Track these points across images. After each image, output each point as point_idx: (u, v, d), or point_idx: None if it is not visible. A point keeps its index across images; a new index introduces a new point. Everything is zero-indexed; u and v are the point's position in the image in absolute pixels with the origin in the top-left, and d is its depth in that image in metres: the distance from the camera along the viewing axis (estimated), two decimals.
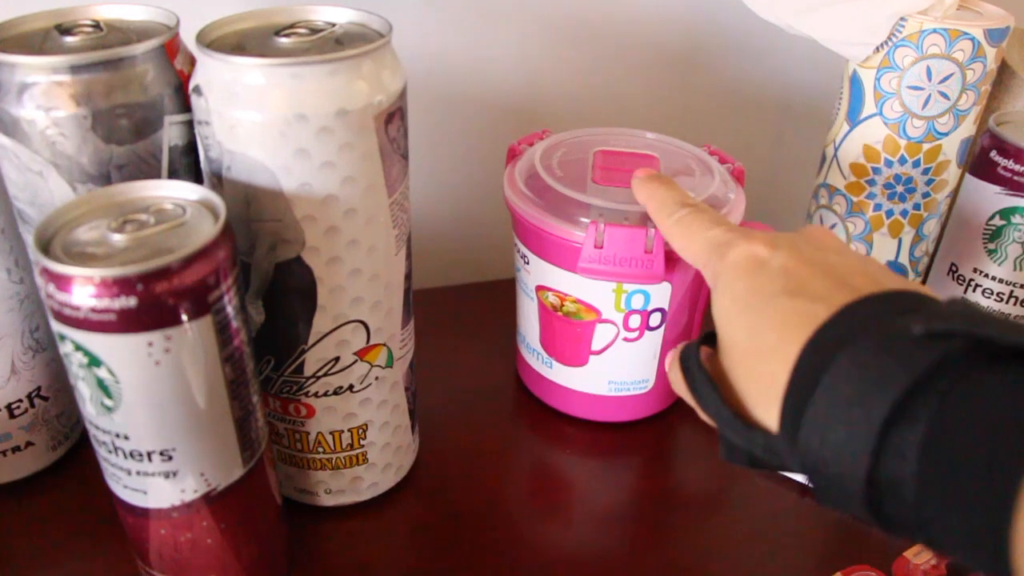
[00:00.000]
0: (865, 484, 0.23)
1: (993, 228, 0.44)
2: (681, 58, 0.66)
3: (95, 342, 0.29)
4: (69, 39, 0.34)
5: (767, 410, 0.27)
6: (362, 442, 0.41)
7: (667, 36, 0.64)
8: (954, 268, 0.46)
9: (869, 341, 0.24)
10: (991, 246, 0.44)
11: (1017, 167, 0.42)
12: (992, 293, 0.45)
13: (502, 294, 0.58)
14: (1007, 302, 0.44)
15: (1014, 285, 0.44)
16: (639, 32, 0.64)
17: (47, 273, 0.28)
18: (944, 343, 0.23)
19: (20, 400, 0.42)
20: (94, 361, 0.29)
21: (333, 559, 0.41)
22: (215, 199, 0.32)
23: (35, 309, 0.42)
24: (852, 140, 0.55)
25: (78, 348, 0.29)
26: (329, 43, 0.34)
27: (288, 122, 0.32)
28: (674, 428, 0.51)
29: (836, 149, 0.57)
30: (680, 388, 0.32)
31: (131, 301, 0.28)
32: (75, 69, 0.32)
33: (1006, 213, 0.43)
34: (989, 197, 0.44)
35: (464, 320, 0.59)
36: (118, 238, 0.30)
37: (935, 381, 0.22)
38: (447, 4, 0.58)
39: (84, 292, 0.28)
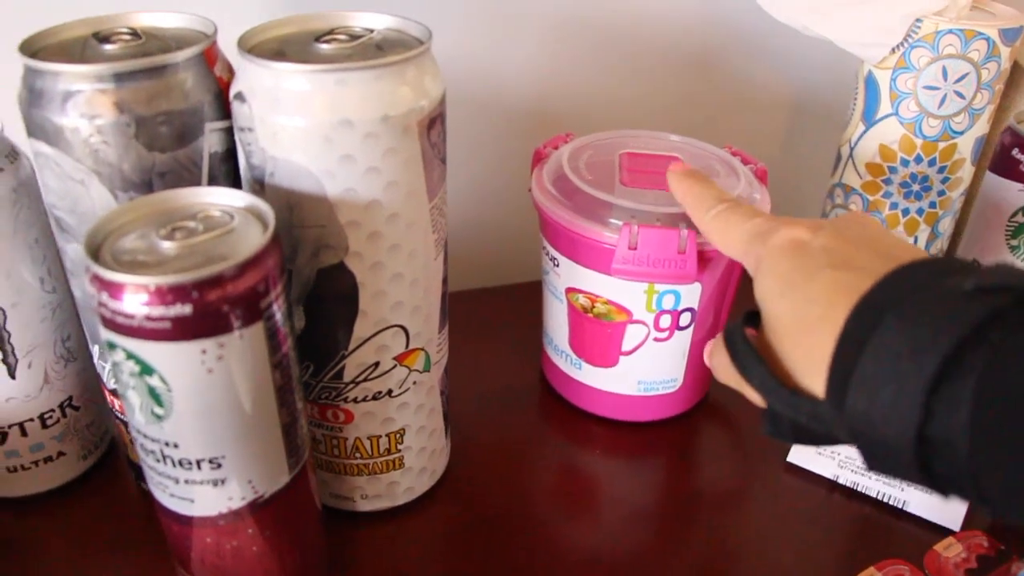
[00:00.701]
0: (916, 441, 0.23)
1: (1016, 224, 0.44)
2: (697, 60, 0.66)
3: (148, 350, 0.29)
4: (108, 47, 0.34)
5: (813, 379, 0.27)
6: (399, 447, 0.41)
7: (683, 38, 0.65)
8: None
9: (917, 299, 0.24)
10: (1014, 242, 0.45)
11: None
12: None
13: (526, 297, 0.58)
14: None
15: None
16: (655, 35, 0.64)
17: (100, 281, 0.28)
18: (994, 297, 0.23)
19: (52, 410, 0.42)
20: (146, 370, 0.29)
21: (369, 564, 0.41)
22: (263, 206, 0.31)
23: (67, 318, 0.42)
24: (868, 140, 0.56)
25: (130, 357, 0.29)
26: (370, 49, 0.34)
27: (333, 127, 0.32)
28: (700, 427, 0.51)
29: (852, 149, 0.57)
30: (725, 372, 0.33)
31: (186, 309, 0.28)
32: (119, 77, 0.32)
33: None
34: (1012, 194, 0.44)
35: (488, 323, 0.59)
36: (168, 245, 0.30)
37: (986, 333, 0.22)
38: (465, 10, 0.58)
39: (138, 300, 0.28)
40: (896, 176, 0.55)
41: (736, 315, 0.33)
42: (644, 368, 0.47)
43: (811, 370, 0.28)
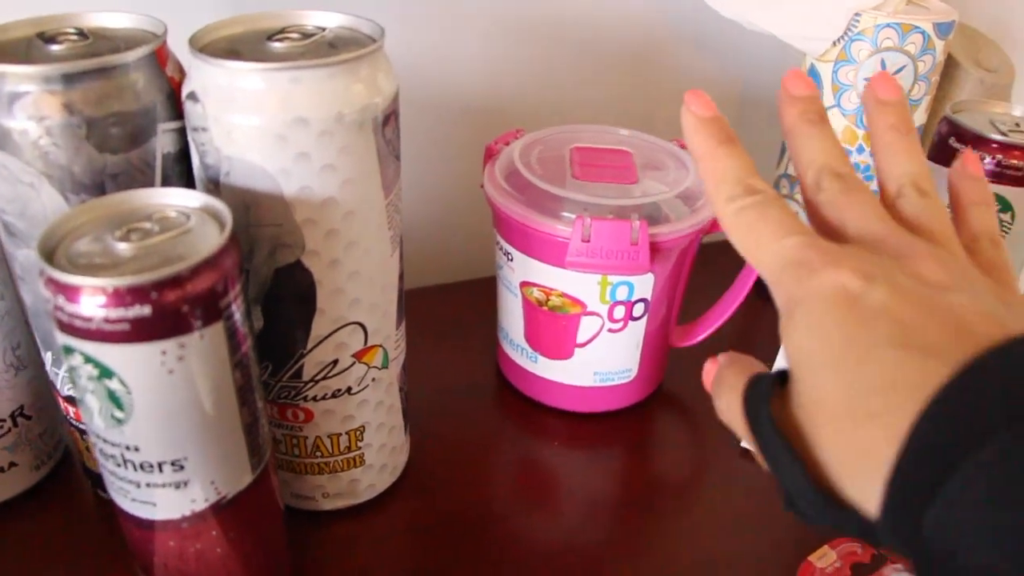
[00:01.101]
0: None
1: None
2: (644, 56, 0.67)
3: (107, 353, 0.28)
4: (55, 47, 0.34)
5: (862, 487, 0.23)
6: (359, 444, 0.41)
7: (630, 35, 0.66)
8: None
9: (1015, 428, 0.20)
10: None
11: (973, 152, 0.44)
12: None
13: (480, 293, 0.58)
14: None
15: None
16: (602, 32, 0.65)
17: (55, 284, 0.28)
18: None
19: (3, 420, 0.41)
20: (105, 373, 0.29)
21: (334, 563, 0.41)
22: (219, 205, 0.31)
23: (16, 325, 0.41)
24: None
25: (88, 360, 0.29)
26: (323, 47, 0.34)
27: (288, 125, 0.32)
28: (656, 416, 0.52)
29: None
30: (735, 422, 0.28)
31: (145, 310, 0.28)
32: (67, 78, 0.32)
33: None
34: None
35: (444, 320, 0.59)
36: (124, 247, 0.29)
37: None
38: (414, 10, 0.58)
39: (96, 302, 0.27)
40: None
41: (688, 302, 0.33)
42: (599, 359, 0.48)
43: (859, 477, 0.23)
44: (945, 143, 0.46)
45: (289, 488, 0.42)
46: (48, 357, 0.39)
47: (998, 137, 0.44)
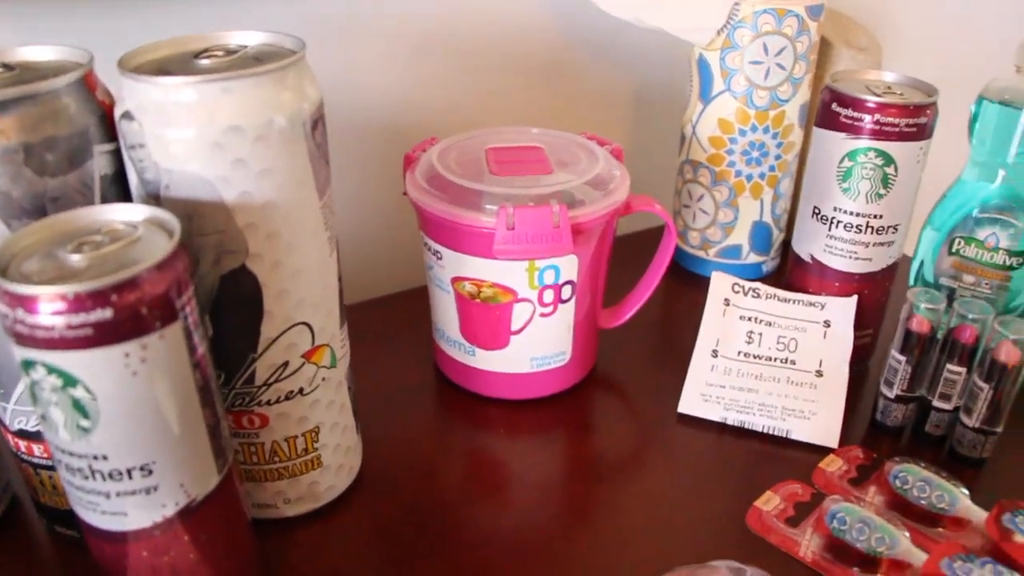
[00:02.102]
0: None
1: (844, 169, 0.50)
2: (544, 61, 0.70)
3: (71, 360, 0.29)
4: None
5: None
6: (315, 445, 0.43)
7: (528, 42, 0.69)
8: (817, 210, 0.52)
9: None
10: (844, 185, 0.50)
11: (854, 114, 0.48)
12: (851, 227, 0.51)
13: (407, 303, 0.60)
14: (864, 232, 0.50)
15: (868, 216, 0.50)
16: (504, 42, 0.68)
17: (13, 298, 0.29)
18: None
19: None
20: (69, 381, 0.30)
21: (302, 567, 0.42)
22: (164, 215, 0.33)
23: None
24: (707, 116, 0.61)
25: (51, 371, 0.30)
26: (248, 61, 0.36)
27: (224, 133, 0.34)
28: (592, 396, 0.54)
29: (694, 127, 0.62)
30: None
31: (107, 313, 0.29)
32: (3, 104, 0.33)
33: (852, 155, 0.49)
34: (836, 143, 0.50)
35: (375, 331, 0.60)
36: (77, 259, 0.31)
37: None
38: (322, 32, 0.60)
39: (57, 310, 0.28)
40: (737, 146, 0.60)
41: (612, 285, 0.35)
42: (534, 345, 0.50)
43: None
44: (829, 109, 0.50)
45: (251, 498, 0.43)
46: None
47: (874, 98, 0.48)
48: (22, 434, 0.40)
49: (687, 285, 0.66)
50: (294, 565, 0.42)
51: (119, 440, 0.31)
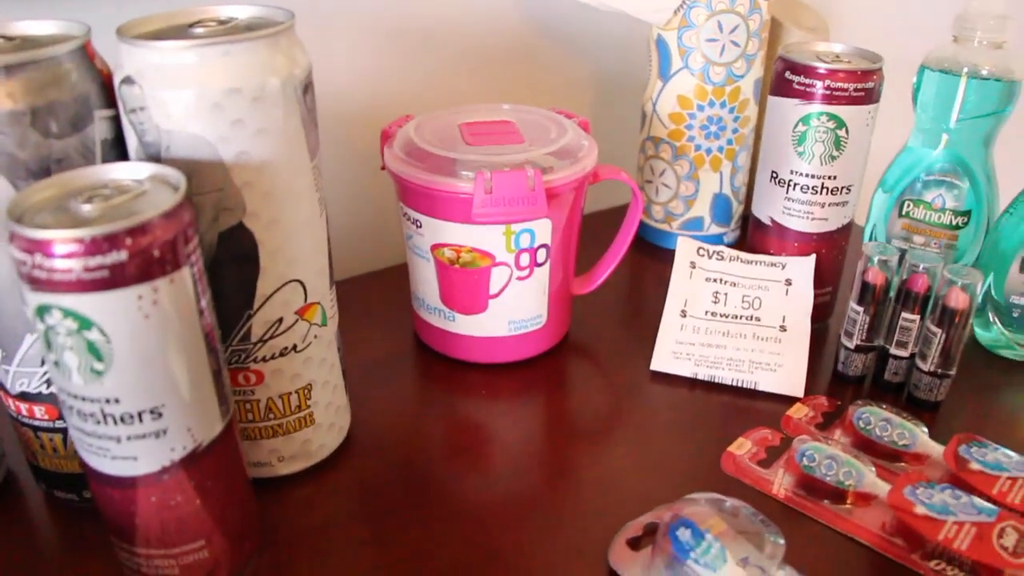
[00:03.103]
0: None
1: (799, 134, 0.53)
2: (507, 47, 0.73)
3: (86, 303, 0.31)
4: None
5: None
6: (308, 403, 0.44)
7: (492, 28, 0.71)
8: (774, 174, 0.55)
9: None
10: (799, 149, 0.53)
11: (807, 80, 0.52)
12: (808, 188, 0.54)
13: (383, 281, 0.62)
14: (819, 192, 0.54)
15: (823, 177, 0.53)
16: (466, 28, 0.70)
17: (32, 243, 0.30)
18: None
19: None
20: (84, 324, 0.31)
21: (296, 521, 0.44)
22: (168, 171, 0.34)
23: None
24: (667, 94, 0.64)
25: (67, 314, 0.31)
26: (240, 29, 0.38)
27: (224, 95, 0.35)
28: (568, 359, 0.57)
29: (654, 105, 0.65)
30: None
31: (122, 255, 0.31)
32: (8, 69, 0.34)
33: (805, 119, 0.52)
34: (790, 109, 0.53)
35: (354, 307, 0.62)
36: (88, 208, 0.32)
37: None
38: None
39: (75, 253, 0.30)
40: (696, 121, 0.63)
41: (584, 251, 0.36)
42: (512, 308, 0.52)
43: None
44: (782, 77, 0.53)
45: (247, 457, 0.45)
46: None
47: (825, 65, 0.51)
48: (24, 397, 0.41)
49: (652, 258, 0.69)
50: (288, 521, 0.44)
51: (131, 383, 0.33)
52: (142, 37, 0.37)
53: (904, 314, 0.50)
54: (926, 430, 0.48)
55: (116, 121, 0.38)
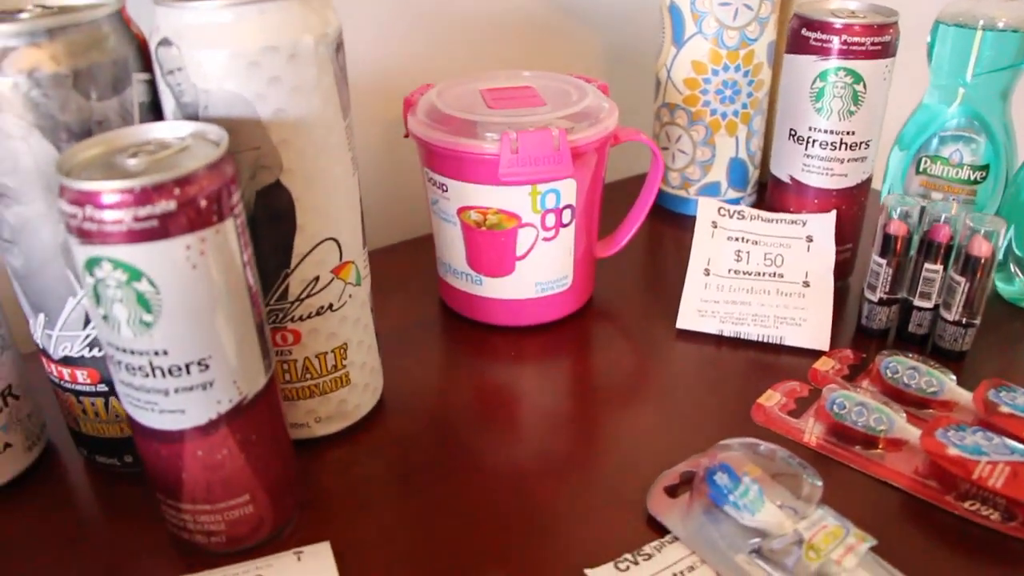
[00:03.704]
0: None
1: (816, 90, 0.53)
2: (522, 19, 0.73)
3: (136, 253, 0.31)
4: (21, 16, 0.37)
5: None
6: (344, 362, 0.45)
7: (507, 1, 0.72)
8: (793, 132, 0.55)
9: None
10: (817, 105, 0.54)
11: (823, 36, 0.52)
12: (827, 144, 0.54)
13: (402, 253, 0.63)
14: (838, 148, 0.54)
15: (841, 133, 0.54)
16: (478, 3, 0.71)
17: (83, 195, 0.31)
18: None
19: None
20: (134, 275, 0.32)
21: (333, 482, 0.44)
22: (209, 127, 0.35)
23: None
24: (681, 59, 0.64)
25: (117, 265, 0.32)
26: None
27: (260, 52, 0.36)
28: (594, 321, 0.57)
29: (668, 71, 0.66)
30: None
31: (171, 205, 0.31)
32: (50, 32, 0.35)
33: (823, 75, 0.53)
34: (808, 66, 0.53)
35: (376, 279, 0.62)
36: (134, 162, 0.33)
37: None
38: None
39: (126, 203, 0.31)
40: (711, 85, 0.64)
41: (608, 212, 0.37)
42: (538, 269, 0.53)
43: None
44: (798, 35, 0.54)
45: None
46: (40, 320, 0.41)
47: (841, 20, 0.52)
48: (66, 361, 0.42)
49: (671, 225, 0.70)
50: (326, 479, 0.45)
51: (179, 334, 0.34)
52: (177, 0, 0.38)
53: (927, 265, 0.51)
54: (954, 377, 0.48)
55: (152, 84, 0.39)
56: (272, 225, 0.40)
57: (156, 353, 0.34)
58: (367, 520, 0.42)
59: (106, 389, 0.42)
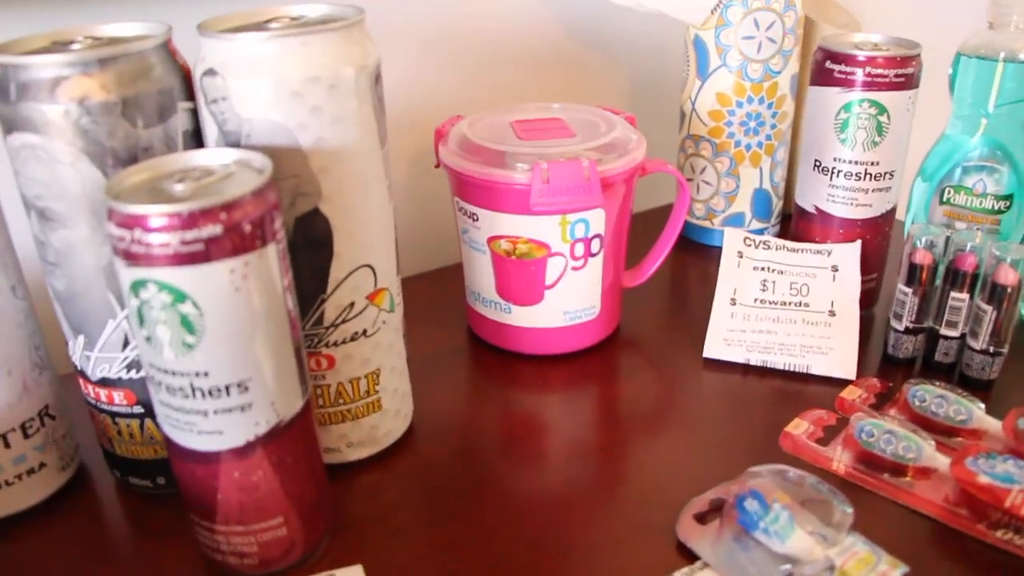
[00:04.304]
0: None
1: (842, 121, 0.54)
2: (547, 53, 0.75)
3: (182, 276, 0.32)
4: (73, 46, 0.38)
5: None
6: (376, 388, 0.46)
7: (529, 33, 0.73)
8: (818, 163, 0.56)
9: None
10: (842, 136, 0.54)
11: (847, 68, 0.53)
12: (851, 175, 0.55)
13: (429, 282, 0.64)
14: (863, 179, 0.55)
15: (866, 164, 0.55)
16: (503, 35, 0.72)
17: (132, 218, 0.32)
18: None
19: (32, 419, 0.44)
20: (179, 297, 0.33)
21: (364, 507, 0.45)
22: (252, 155, 0.36)
23: (36, 327, 0.44)
24: (706, 92, 0.65)
25: (163, 288, 0.32)
26: (312, 23, 0.40)
27: (303, 83, 0.37)
28: (620, 350, 0.58)
29: (693, 103, 0.67)
30: None
31: (217, 229, 0.32)
32: (102, 62, 0.36)
33: (847, 107, 0.54)
34: (832, 98, 0.54)
35: (404, 309, 0.63)
36: (181, 188, 0.34)
37: None
38: None
39: (173, 226, 0.32)
40: (735, 117, 0.65)
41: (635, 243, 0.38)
42: (567, 298, 0.54)
43: None
44: (822, 67, 0.54)
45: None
46: (79, 341, 0.42)
47: (864, 52, 0.53)
48: (103, 383, 0.43)
49: (695, 255, 0.70)
50: (357, 504, 0.45)
51: (220, 356, 0.34)
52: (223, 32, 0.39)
53: (953, 293, 0.51)
54: (982, 406, 0.48)
55: (195, 113, 0.40)
56: (310, 251, 0.41)
57: (197, 374, 0.34)
58: (398, 545, 0.42)
59: (142, 411, 0.43)
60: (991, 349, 0.51)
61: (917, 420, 0.48)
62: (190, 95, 0.40)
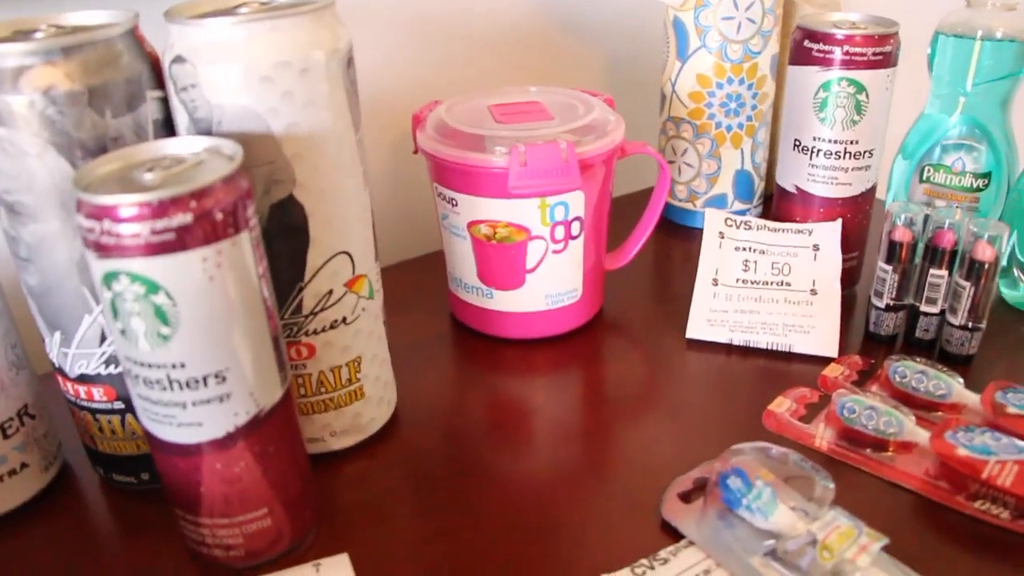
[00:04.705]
0: None
1: (820, 100, 0.54)
2: (526, 36, 0.74)
3: (153, 266, 0.32)
4: (37, 36, 0.37)
5: None
6: (358, 376, 0.45)
7: (506, 18, 0.73)
8: (797, 142, 0.56)
9: None
10: (821, 115, 0.54)
11: (825, 47, 0.53)
12: (831, 154, 0.55)
13: (409, 270, 0.63)
14: (843, 157, 0.55)
15: (845, 142, 0.54)
16: (481, 19, 0.72)
17: (100, 209, 0.31)
18: None
19: (11, 418, 0.43)
20: (152, 288, 0.32)
21: (350, 496, 0.45)
22: (223, 141, 0.36)
23: (11, 325, 0.43)
24: (686, 73, 0.65)
25: (135, 279, 0.32)
26: (281, 8, 0.39)
27: (273, 68, 0.37)
28: (602, 334, 0.58)
29: (673, 85, 0.66)
30: None
31: (187, 218, 0.32)
32: (66, 50, 0.35)
33: (826, 85, 0.54)
34: (810, 77, 0.54)
35: (385, 297, 0.63)
36: (151, 177, 0.33)
37: None
38: None
39: (143, 216, 0.31)
40: (715, 99, 0.65)
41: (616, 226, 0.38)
42: (548, 282, 0.53)
43: None
44: (801, 46, 0.54)
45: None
46: (56, 338, 0.42)
47: (842, 31, 0.53)
48: (82, 379, 0.42)
49: (677, 237, 0.70)
50: (342, 493, 0.45)
51: (196, 346, 0.34)
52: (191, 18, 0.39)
53: (932, 270, 0.51)
54: (961, 381, 0.48)
55: (165, 102, 0.39)
56: (286, 239, 0.40)
57: (174, 366, 0.34)
58: (385, 533, 0.42)
59: (123, 406, 0.43)
60: (970, 325, 0.51)
61: (898, 396, 0.49)
62: (160, 83, 0.39)
